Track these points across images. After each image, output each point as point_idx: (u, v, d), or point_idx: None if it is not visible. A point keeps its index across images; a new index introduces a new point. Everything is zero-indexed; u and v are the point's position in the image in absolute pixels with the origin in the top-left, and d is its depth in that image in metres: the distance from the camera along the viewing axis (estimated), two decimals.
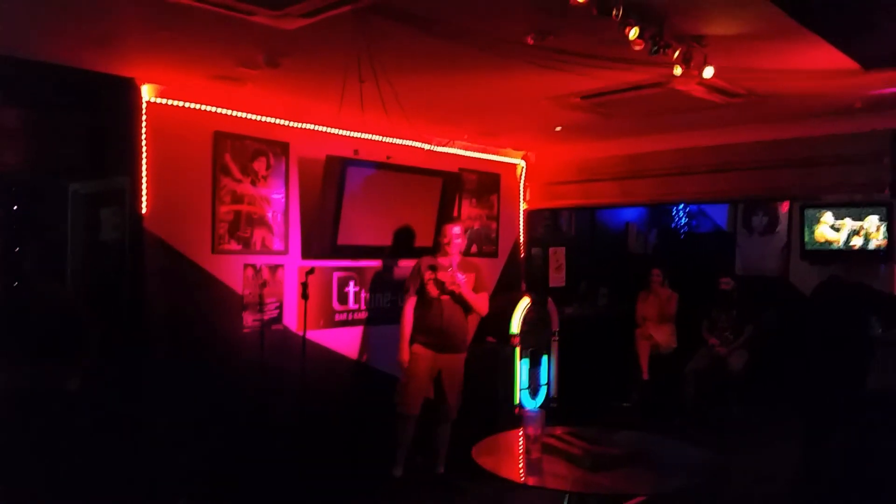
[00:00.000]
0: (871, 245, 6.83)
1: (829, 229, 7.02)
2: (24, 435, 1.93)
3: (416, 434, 4.96)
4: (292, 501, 4.62)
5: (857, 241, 7.29)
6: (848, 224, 7.39)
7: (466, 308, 4.97)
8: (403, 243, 5.51)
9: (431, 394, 4.99)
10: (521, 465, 3.65)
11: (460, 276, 4.85)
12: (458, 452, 4.02)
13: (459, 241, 4.91)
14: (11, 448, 1.87)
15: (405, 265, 5.45)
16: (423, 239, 5.50)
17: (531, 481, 3.55)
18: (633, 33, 3.04)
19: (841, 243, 7.08)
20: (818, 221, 7.22)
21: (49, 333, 2.00)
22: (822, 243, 6.99)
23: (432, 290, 4.87)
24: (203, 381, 4.55)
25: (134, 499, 1.83)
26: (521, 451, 3.72)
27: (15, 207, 5.03)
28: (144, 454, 1.88)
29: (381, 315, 5.69)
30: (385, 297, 5.77)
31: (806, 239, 7.11)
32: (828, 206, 7.54)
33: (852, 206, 7.36)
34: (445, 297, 4.88)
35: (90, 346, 2.09)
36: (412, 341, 4.91)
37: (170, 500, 1.94)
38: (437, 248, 5.06)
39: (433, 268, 4.91)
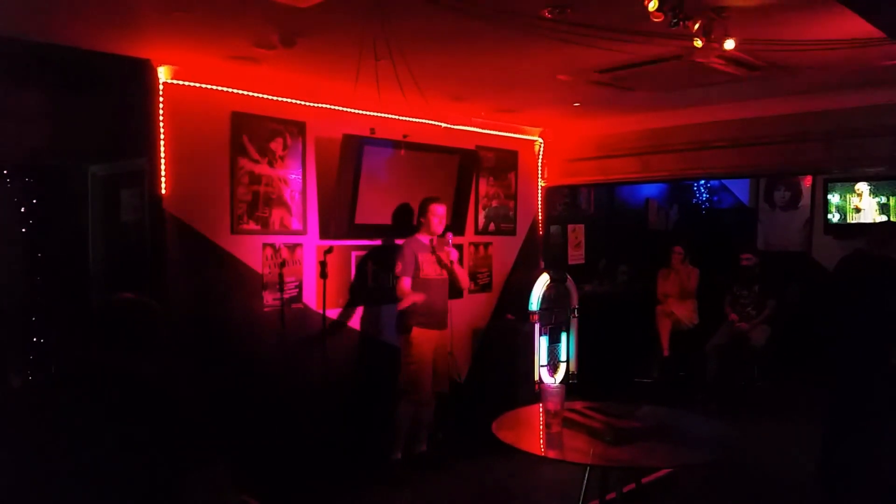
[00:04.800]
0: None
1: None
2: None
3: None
4: (309, 479, 4.68)
5: (883, 214, 7.23)
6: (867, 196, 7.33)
7: (454, 284, 5.06)
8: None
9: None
10: (541, 439, 3.66)
11: (454, 251, 4.96)
12: (479, 429, 4.04)
13: (443, 221, 4.99)
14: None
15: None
16: None
17: (552, 455, 3.56)
18: (653, 5, 2.98)
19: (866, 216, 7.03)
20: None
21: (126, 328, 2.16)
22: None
23: (431, 271, 4.92)
24: (224, 360, 4.60)
25: (153, 472, 1.89)
26: (541, 426, 3.72)
27: (36, 190, 5.09)
28: (163, 432, 1.92)
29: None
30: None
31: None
32: (851, 180, 7.47)
33: (877, 180, 7.29)
34: (437, 278, 4.94)
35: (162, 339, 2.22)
36: (412, 324, 4.88)
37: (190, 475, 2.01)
38: (419, 227, 5.02)
39: (421, 244, 4.95)
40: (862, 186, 7.40)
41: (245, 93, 4.77)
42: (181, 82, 4.47)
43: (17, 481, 1.92)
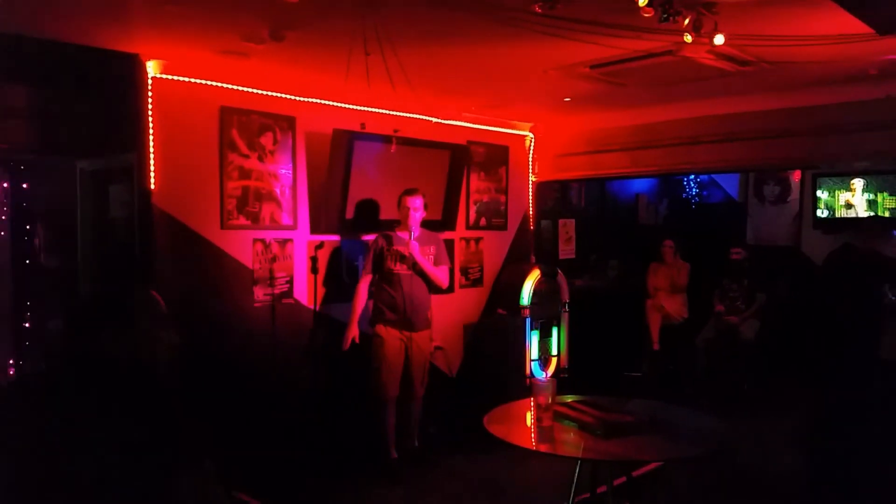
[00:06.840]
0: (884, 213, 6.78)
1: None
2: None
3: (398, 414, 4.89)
4: (300, 475, 4.68)
5: (870, 210, 7.27)
6: (859, 191, 7.36)
7: (427, 282, 4.87)
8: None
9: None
10: (532, 433, 3.67)
11: (415, 245, 4.75)
12: (470, 423, 4.05)
13: (418, 213, 4.81)
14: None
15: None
16: (432, 212, 5.46)
17: (543, 448, 3.57)
18: (643, 0, 2.99)
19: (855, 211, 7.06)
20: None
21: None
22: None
23: (391, 265, 4.78)
24: (215, 356, 4.59)
25: (148, 464, 1.88)
26: (532, 420, 3.73)
27: (24, 186, 5.07)
28: (153, 428, 1.92)
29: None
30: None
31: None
32: (840, 175, 7.51)
33: (864, 175, 7.32)
34: (405, 273, 4.78)
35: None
36: (377, 322, 4.82)
37: (183, 468, 1.99)
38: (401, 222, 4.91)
39: (387, 239, 4.84)
40: (857, 183, 7.43)
41: (234, 87, 4.75)
42: (170, 77, 4.44)
43: (7, 476, 1.92)
